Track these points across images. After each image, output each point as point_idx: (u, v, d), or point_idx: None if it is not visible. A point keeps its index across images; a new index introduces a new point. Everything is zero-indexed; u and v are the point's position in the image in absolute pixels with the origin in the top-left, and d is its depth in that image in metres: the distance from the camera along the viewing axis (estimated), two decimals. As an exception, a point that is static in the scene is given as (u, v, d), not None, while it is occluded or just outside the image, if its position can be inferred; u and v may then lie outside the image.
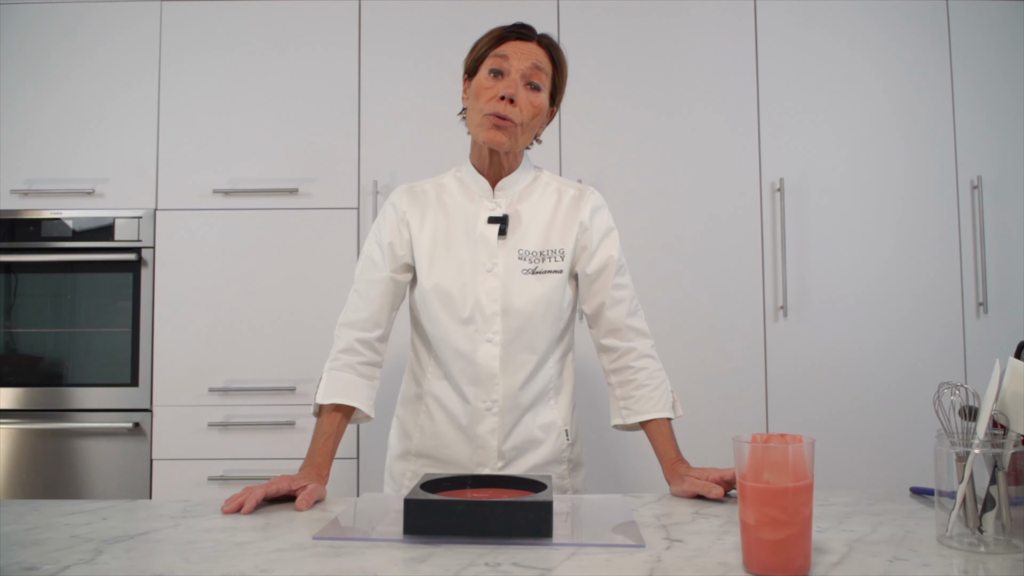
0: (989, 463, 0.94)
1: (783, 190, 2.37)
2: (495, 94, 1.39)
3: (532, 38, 1.43)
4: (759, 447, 0.86)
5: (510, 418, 1.44)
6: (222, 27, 2.44)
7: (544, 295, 1.43)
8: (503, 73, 1.40)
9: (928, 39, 2.42)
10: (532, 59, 1.40)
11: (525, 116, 1.40)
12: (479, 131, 1.41)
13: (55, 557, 0.92)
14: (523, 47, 1.41)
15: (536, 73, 1.41)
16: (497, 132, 1.39)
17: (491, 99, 1.39)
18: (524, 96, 1.40)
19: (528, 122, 1.41)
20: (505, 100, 1.38)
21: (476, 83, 1.42)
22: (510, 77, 1.39)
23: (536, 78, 1.41)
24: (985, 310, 2.35)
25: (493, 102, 1.39)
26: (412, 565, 0.89)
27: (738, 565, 0.88)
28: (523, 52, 1.40)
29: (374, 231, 1.52)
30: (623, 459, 2.31)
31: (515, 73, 1.39)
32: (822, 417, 2.34)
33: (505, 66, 1.40)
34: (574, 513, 1.16)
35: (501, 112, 1.38)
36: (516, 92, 1.38)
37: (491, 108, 1.39)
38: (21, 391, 2.36)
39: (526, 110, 1.40)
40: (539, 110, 1.42)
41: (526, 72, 1.40)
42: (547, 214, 1.48)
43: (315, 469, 1.32)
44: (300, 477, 1.27)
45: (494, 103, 1.39)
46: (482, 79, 1.41)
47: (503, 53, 1.40)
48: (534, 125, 1.44)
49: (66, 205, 2.39)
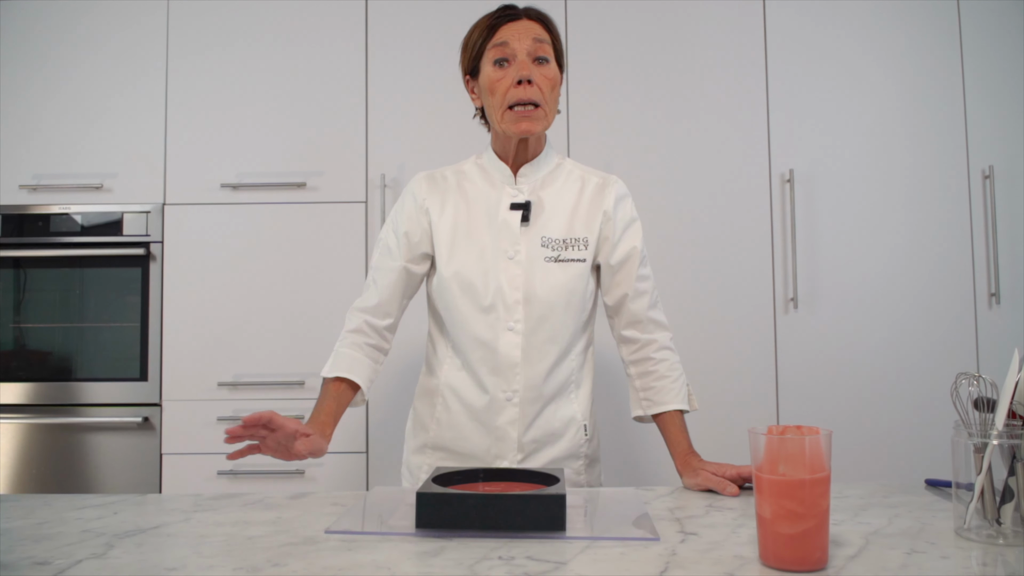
0: (1007, 455, 0.93)
1: (793, 181, 2.36)
2: (510, 82, 1.37)
3: (521, 15, 1.42)
4: (775, 439, 0.85)
5: (531, 409, 1.42)
6: (229, 21, 2.43)
7: (567, 283, 1.41)
8: (508, 59, 1.39)
9: (938, 28, 2.40)
10: (531, 34, 1.39)
11: (546, 92, 1.39)
12: (508, 127, 1.40)
13: (66, 551, 0.92)
14: (518, 27, 1.40)
15: (540, 47, 1.39)
16: (527, 122, 1.38)
17: (508, 89, 1.38)
18: (538, 73, 1.38)
19: (550, 96, 1.41)
20: (523, 84, 1.37)
21: (485, 79, 1.41)
22: (518, 60, 1.38)
23: (541, 51, 1.40)
24: (997, 300, 2.33)
25: (512, 91, 1.37)
26: (425, 559, 0.89)
27: (754, 558, 0.87)
28: (520, 31, 1.39)
29: (391, 218, 1.50)
30: (638, 454, 2.30)
31: (521, 54, 1.38)
32: (833, 409, 2.32)
33: (508, 51, 1.38)
34: (587, 506, 1.15)
35: (523, 98, 1.37)
36: (530, 72, 1.37)
37: (512, 98, 1.38)
38: (30, 386, 2.36)
39: (545, 86, 1.39)
40: (555, 81, 1.41)
41: (531, 49, 1.39)
42: (571, 202, 1.46)
43: (319, 426, 1.30)
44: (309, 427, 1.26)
45: (512, 91, 1.37)
46: (490, 73, 1.40)
47: (501, 40, 1.39)
48: (555, 97, 1.43)
49: (74, 200, 2.39)
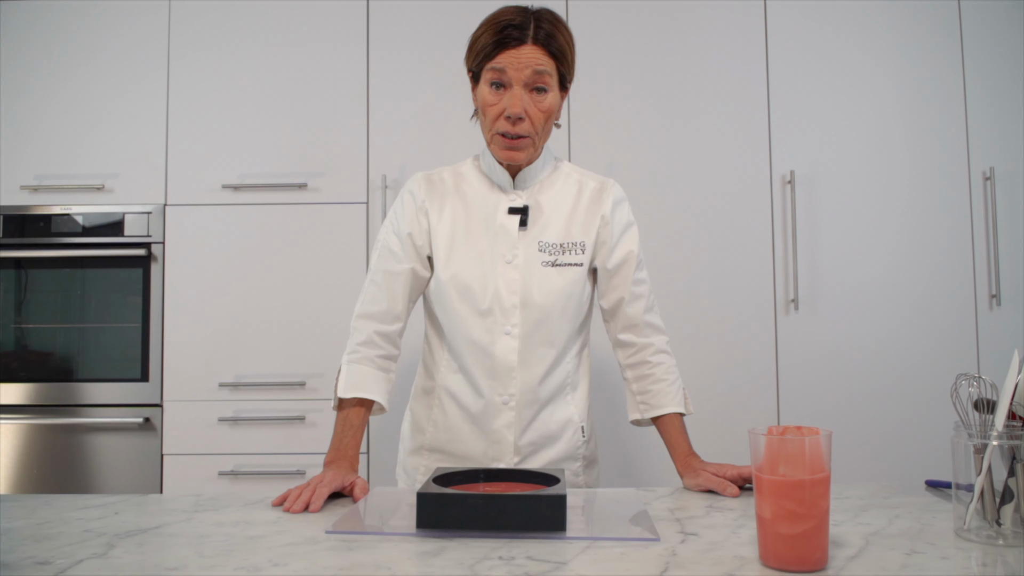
0: (1007, 455, 0.93)
1: (794, 183, 2.36)
2: (500, 111, 1.35)
3: (526, 40, 1.32)
4: (775, 439, 0.85)
5: (527, 413, 1.43)
6: (230, 22, 2.44)
7: (564, 288, 1.41)
8: (504, 85, 1.35)
9: (939, 30, 2.40)
10: (531, 66, 1.32)
11: (537, 126, 1.36)
12: (494, 149, 1.39)
13: (68, 551, 0.92)
14: (518, 55, 1.32)
15: (538, 78, 1.33)
16: (513, 152, 1.38)
17: (497, 117, 1.36)
18: (532, 106, 1.34)
19: (542, 128, 1.38)
20: (512, 119, 1.34)
21: (480, 95, 1.38)
22: (513, 91, 1.33)
23: (540, 82, 1.34)
24: (998, 302, 2.33)
25: (500, 121, 1.35)
26: (426, 559, 0.89)
27: (754, 559, 0.88)
28: (520, 61, 1.32)
29: (391, 219, 1.49)
30: (636, 455, 2.31)
31: (517, 85, 1.33)
32: (833, 410, 2.32)
33: (504, 79, 1.34)
34: (588, 507, 1.15)
35: (511, 132, 1.35)
36: (521, 108, 1.33)
37: (500, 128, 1.36)
38: (32, 387, 2.36)
39: (536, 119, 1.36)
40: (549, 112, 1.37)
41: (528, 80, 1.33)
42: (568, 206, 1.46)
43: (348, 462, 1.31)
44: (346, 472, 1.26)
45: (501, 123, 1.35)
46: (485, 92, 1.37)
47: (499, 66, 1.33)
48: (548, 127, 1.40)
49: (75, 201, 2.40)
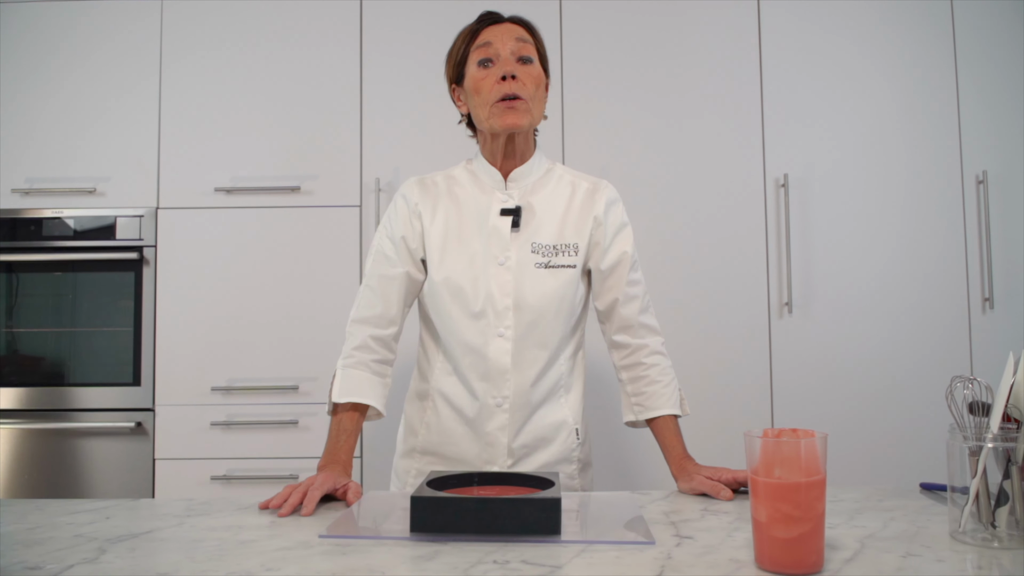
0: (1002, 458, 0.93)
1: (787, 186, 2.36)
2: (495, 79, 1.38)
3: (503, 20, 1.44)
4: (771, 442, 0.85)
5: (520, 415, 1.42)
6: (223, 25, 2.43)
7: (557, 290, 1.41)
8: (492, 59, 1.40)
9: (932, 32, 2.41)
10: (514, 35, 1.41)
11: (531, 88, 1.40)
12: (494, 121, 1.39)
13: (58, 556, 0.91)
14: (500, 28, 1.42)
15: (523, 47, 1.41)
16: (513, 114, 1.38)
17: (493, 86, 1.38)
18: (522, 71, 1.39)
19: (535, 94, 1.41)
20: (508, 79, 1.37)
21: (470, 80, 1.41)
22: (502, 58, 1.39)
23: (525, 51, 1.41)
24: (991, 305, 2.34)
25: (497, 86, 1.38)
26: (419, 563, 0.88)
27: (749, 562, 0.87)
28: (503, 33, 1.41)
29: (385, 224, 1.49)
30: (631, 458, 2.30)
31: (505, 53, 1.39)
32: (827, 413, 2.32)
33: (491, 51, 1.40)
34: (582, 510, 1.15)
35: (508, 92, 1.37)
36: (514, 69, 1.38)
37: (498, 93, 1.38)
38: (23, 391, 2.35)
39: (530, 83, 1.40)
40: (539, 80, 1.42)
41: (514, 49, 1.40)
42: (561, 207, 1.46)
43: (341, 467, 1.30)
44: (338, 475, 1.26)
45: (497, 87, 1.38)
46: (475, 73, 1.40)
47: (484, 41, 1.41)
48: (540, 96, 1.43)
49: (67, 204, 2.38)
